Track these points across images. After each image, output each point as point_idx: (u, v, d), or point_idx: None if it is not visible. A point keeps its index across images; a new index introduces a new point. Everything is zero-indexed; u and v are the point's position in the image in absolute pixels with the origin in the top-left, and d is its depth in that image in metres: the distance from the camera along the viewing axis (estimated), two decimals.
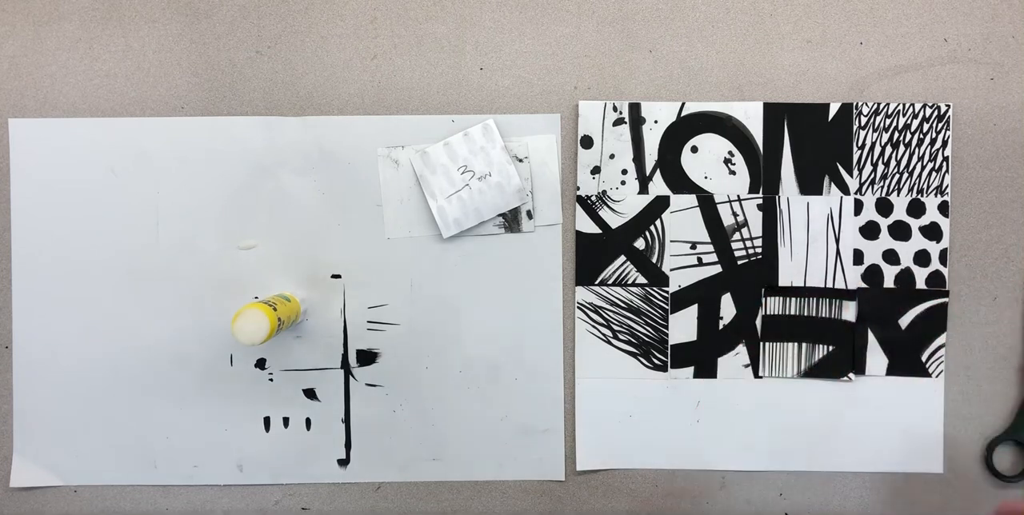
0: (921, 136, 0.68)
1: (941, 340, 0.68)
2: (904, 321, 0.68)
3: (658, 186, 0.69)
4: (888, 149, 0.68)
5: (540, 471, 0.69)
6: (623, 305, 0.69)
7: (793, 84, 0.69)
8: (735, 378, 0.69)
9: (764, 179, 0.68)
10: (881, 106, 0.68)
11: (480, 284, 0.69)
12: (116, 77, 0.69)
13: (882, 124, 0.68)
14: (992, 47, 0.69)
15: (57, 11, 0.68)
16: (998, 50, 0.69)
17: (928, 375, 0.68)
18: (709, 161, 0.68)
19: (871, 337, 0.69)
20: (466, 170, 0.67)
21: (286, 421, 0.69)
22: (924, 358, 0.68)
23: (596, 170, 0.68)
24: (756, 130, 0.68)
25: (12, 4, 0.68)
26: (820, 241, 0.68)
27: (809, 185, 0.68)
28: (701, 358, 0.69)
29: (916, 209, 0.68)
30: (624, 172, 0.68)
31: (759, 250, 0.69)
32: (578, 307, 0.69)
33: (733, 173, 0.68)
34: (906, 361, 0.69)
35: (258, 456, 0.69)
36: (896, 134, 0.68)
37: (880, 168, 0.68)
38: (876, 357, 0.69)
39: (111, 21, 0.69)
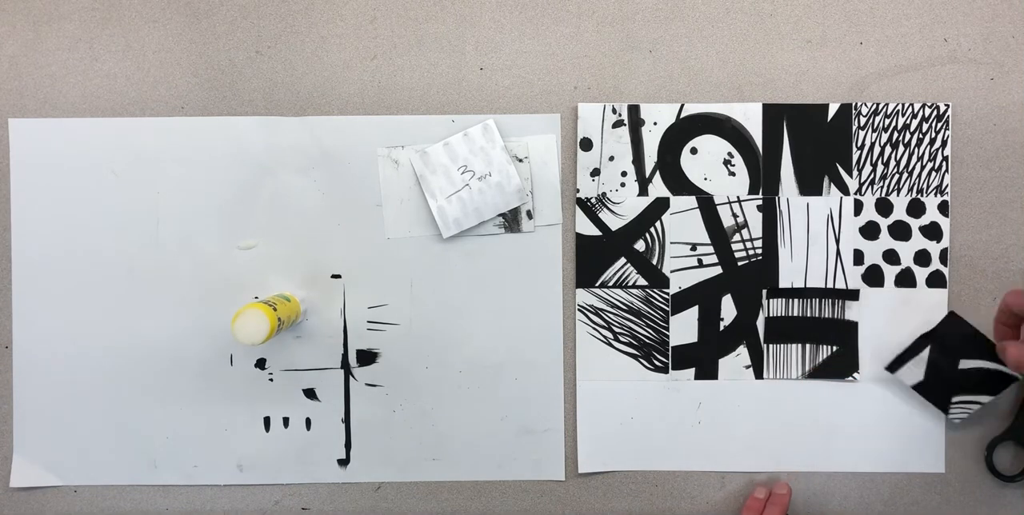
0: (920, 136, 0.68)
1: None
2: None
3: (658, 188, 0.68)
4: (888, 149, 0.68)
5: (540, 471, 0.69)
6: (624, 307, 0.69)
7: (793, 84, 0.69)
8: (736, 379, 0.69)
9: (764, 180, 0.68)
10: (880, 106, 0.68)
11: (480, 284, 0.69)
12: (116, 77, 0.69)
13: (881, 124, 0.68)
14: (992, 47, 0.69)
15: (57, 11, 0.68)
16: (998, 50, 0.69)
17: None
18: (709, 162, 0.68)
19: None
20: (466, 170, 0.67)
21: (286, 421, 0.69)
22: None
23: (596, 172, 0.68)
24: (755, 131, 0.68)
25: (12, 4, 0.68)
26: (820, 242, 0.68)
27: (809, 186, 0.68)
28: (702, 360, 0.69)
29: (916, 209, 0.68)
30: (624, 174, 0.68)
31: (759, 251, 0.69)
32: (579, 310, 0.69)
33: (733, 174, 0.68)
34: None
35: (258, 456, 0.69)
36: (895, 134, 0.68)
37: (880, 168, 0.68)
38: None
39: (111, 21, 0.69)
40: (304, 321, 0.69)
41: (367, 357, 0.69)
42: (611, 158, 0.68)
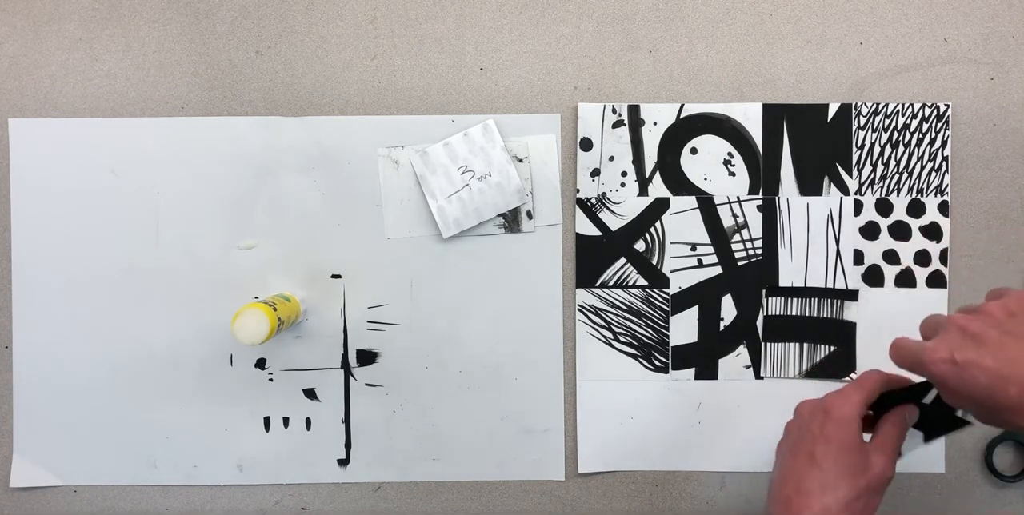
0: (920, 136, 0.68)
1: None
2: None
3: (658, 188, 0.68)
4: (888, 149, 0.68)
5: (540, 471, 0.69)
6: (624, 307, 0.69)
7: (793, 84, 0.69)
8: (736, 379, 0.69)
9: (764, 180, 0.68)
10: (880, 106, 0.68)
11: (480, 284, 0.69)
12: (116, 77, 0.69)
13: (881, 124, 0.68)
14: (992, 47, 0.69)
15: (57, 11, 0.68)
16: (998, 50, 0.69)
17: None
18: (709, 162, 0.68)
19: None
20: (466, 170, 0.67)
21: (286, 421, 0.69)
22: None
23: (596, 172, 0.68)
24: (755, 131, 0.68)
25: (12, 4, 0.68)
26: (820, 242, 0.68)
27: (809, 186, 0.68)
28: (702, 359, 0.69)
29: (916, 209, 0.68)
30: (624, 174, 0.68)
31: (759, 251, 0.69)
32: (579, 310, 0.69)
33: (733, 174, 0.68)
34: None
35: (258, 456, 0.69)
36: (895, 134, 0.68)
37: (880, 168, 0.68)
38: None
39: (111, 21, 0.69)
40: (304, 321, 0.69)
41: (367, 357, 0.69)
42: (611, 158, 0.68)
